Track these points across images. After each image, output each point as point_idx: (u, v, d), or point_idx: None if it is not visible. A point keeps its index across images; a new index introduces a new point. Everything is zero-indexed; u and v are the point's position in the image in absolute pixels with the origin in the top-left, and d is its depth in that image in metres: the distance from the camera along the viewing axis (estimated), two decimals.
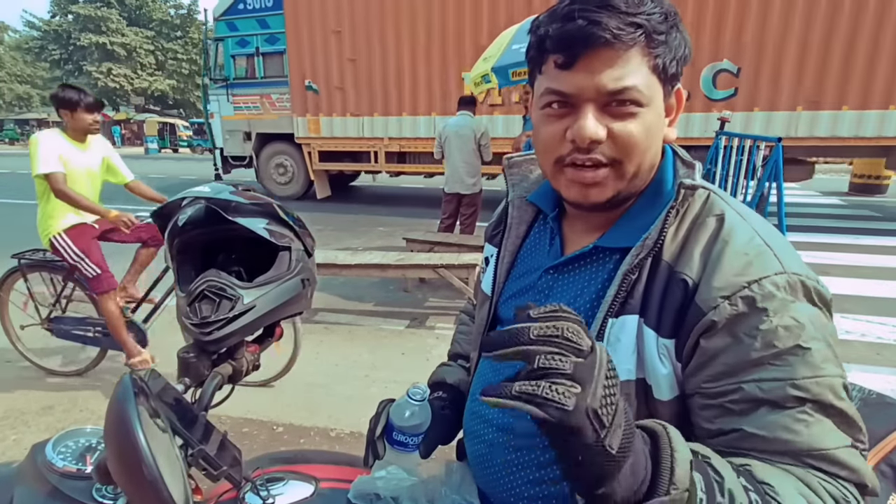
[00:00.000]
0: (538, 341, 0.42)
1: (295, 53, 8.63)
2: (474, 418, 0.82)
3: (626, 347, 0.63)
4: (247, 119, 9.44)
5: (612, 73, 0.60)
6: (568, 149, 0.64)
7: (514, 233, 0.83)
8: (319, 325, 3.96)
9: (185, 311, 0.80)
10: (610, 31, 0.58)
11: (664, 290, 0.62)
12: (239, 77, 9.31)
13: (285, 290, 0.87)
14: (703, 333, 0.59)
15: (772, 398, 0.55)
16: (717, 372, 0.58)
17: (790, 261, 0.60)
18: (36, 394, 2.92)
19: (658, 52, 0.61)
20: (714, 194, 0.67)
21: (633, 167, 0.65)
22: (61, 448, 0.74)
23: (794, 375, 0.55)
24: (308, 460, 0.87)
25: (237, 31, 9.03)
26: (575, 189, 0.66)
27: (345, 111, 8.68)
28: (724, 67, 6.89)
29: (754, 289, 0.57)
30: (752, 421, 0.56)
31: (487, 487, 0.79)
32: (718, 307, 0.58)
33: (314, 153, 9.05)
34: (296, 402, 2.84)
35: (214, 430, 0.69)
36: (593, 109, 0.62)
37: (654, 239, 0.63)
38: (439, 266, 3.92)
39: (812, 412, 0.55)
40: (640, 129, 0.62)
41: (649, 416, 0.62)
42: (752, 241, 0.61)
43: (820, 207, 8.71)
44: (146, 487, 0.46)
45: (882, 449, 0.69)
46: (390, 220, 7.50)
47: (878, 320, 3.95)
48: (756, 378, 0.56)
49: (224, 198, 0.84)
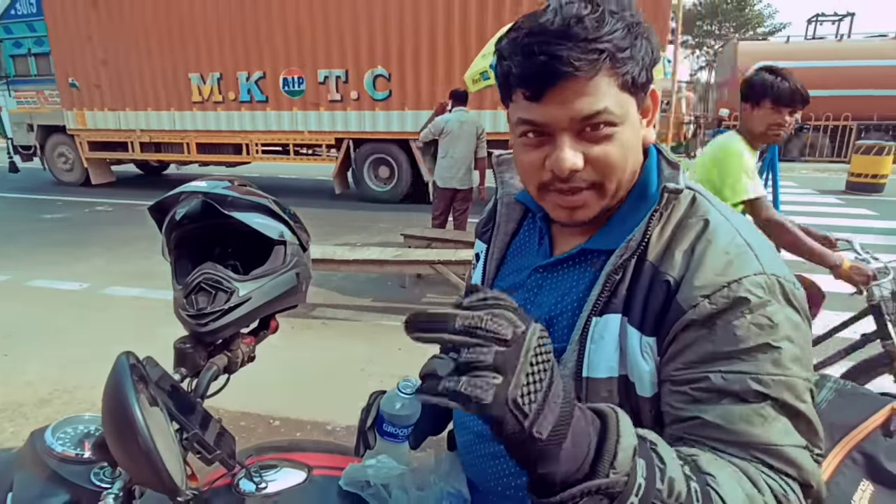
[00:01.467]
0: (461, 331, 0.41)
1: (57, 54, 9.86)
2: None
3: (609, 345, 0.64)
4: (28, 112, 10.73)
5: (583, 101, 0.60)
6: (549, 176, 0.65)
7: (503, 230, 0.84)
8: (317, 320, 3.99)
9: (182, 303, 0.82)
10: (571, 65, 0.58)
11: (648, 289, 0.63)
12: (19, 74, 10.51)
13: (280, 283, 0.89)
14: (682, 330, 0.60)
15: (734, 390, 0.57)
16: (687, 360, 0.60)
17: (770, 262, 0.62)
18: (34, 387, 2.94)
19: (625, 70, 0.61)
20: (699, 195, 0.69)
21: (613, 185, 0.66)
22: (60, 434, 0.76)
23: (759, 371, 0.57)
24: (301, 449, 0.89)
25: (12, 34, 10.29)
26: (560, 212, 0.68)
27: (103, 106, 9.97)
28: (380, 73, 8.24)
29: (733, 287, 0.59)
30: (713, 410, 0.58)
31: (475, 476, 0.81)
32: (698, 305, 0.59)
33: (84, 143, 10.29)
34: (293, 397, 2.87)
35: (209, 416, 0.72)
36: (569, 138, 0.62)
37: (637, 241, 0.64)
38: (437, 262, 3.94)
39: (771, 409, 0.57)
40: (616, 150, 0.63)
41: (632, 412, 0.63)
42: (734, 241, 0.63)
43: (817, 206, 8.73)
44: (141, 458, 0.48)
45: (854, 437, 0.71)
46: (389, 217, 7.52)
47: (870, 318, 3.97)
48: (723, 370, 0.58)
49: (220, 193, 0.86)
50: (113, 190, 9.84)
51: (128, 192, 9.42)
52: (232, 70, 8.91)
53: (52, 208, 8.27)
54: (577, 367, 0.65)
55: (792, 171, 12.68)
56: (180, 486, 0.51)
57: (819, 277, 2.30)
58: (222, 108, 9.25)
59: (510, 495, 0.76)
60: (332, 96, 8.55)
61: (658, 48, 0.66)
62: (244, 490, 0.76)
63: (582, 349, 0.65)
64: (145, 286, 4.65)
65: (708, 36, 37.19)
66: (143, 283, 4.74)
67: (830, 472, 0.69)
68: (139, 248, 5.71)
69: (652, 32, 0.64)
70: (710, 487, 0.51)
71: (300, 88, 8.68)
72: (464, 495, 0.79)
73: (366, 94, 8.38)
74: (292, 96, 8.79)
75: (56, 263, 5.38)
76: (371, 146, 8.61)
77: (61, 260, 5.51)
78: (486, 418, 0.41)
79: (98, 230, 6.95)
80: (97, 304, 4.35)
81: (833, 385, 0.76)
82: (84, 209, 8.26)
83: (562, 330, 0.70)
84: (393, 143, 8.47)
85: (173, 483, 0.50)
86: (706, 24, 36.23)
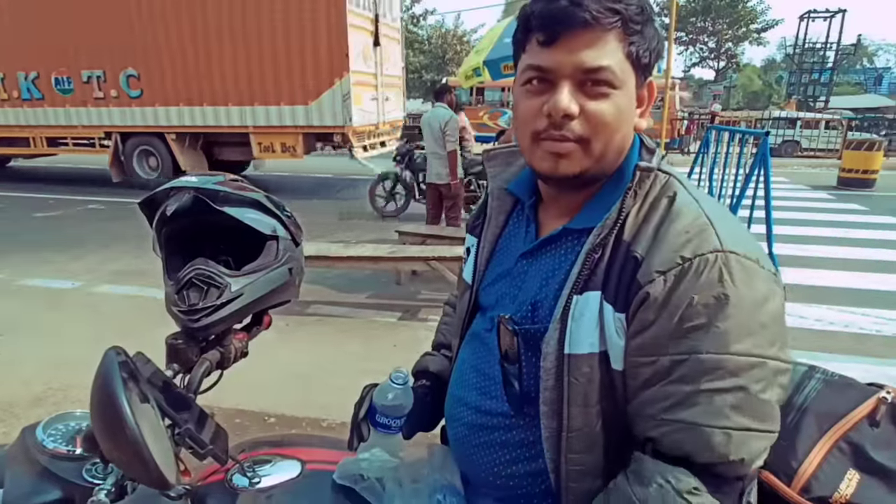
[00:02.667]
0: None
1: None
2: (455, 402, 0.85)
3: (590, 322, 0.66)
4: None
5: (590, 53, 0.64)
6: (544, 124, 0.67)
7: (494, 222, 0.86)
8: (312, 317, 3.98)
9: (174, 299, 0.82)
10: (589, 13, 0.62)
11: (622, 267, 0.65)
12: None
13: (273, 278, 0.89)
14: (639, 306, 0.63)
15: (679, 372, 0.60)
16: (642, 342, 0.63)
17: (731, 240, 0.62)
18: (26, 386, 2.92)
19: (633, 40, 0.65)
20: (672, 178, 0.71)
21: (600, 145, 0.68)
22: (51, 431, 0.76)
23: (700, 350, 0.59)
24: (294, 443, 0.89)
25: None
26: (547, 160, 0.69)
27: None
28: (131, 73, 9.13)
29: (686, 266, 0.60)
30: (658, 391, 0.62)
31: (467, 468, 0.82)
32: (654, 281, 0.61)
33: None
34: (288, 394, 2.86)
35: (201, 411, 0.71)
36: (569, 86, 0.65)
37: (613, 219, 0.67)
38: (431, 258, 3.95)
39: (709, 387, 0.59)
40: (611, 110, 0.66)
41: (609, 384, 0.66)
42: (697, 220, 0.64)
43: (809, 201, 8.79)
44: (129, 450, 0.48)
45: (842, 427, 0.72)
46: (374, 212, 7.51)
47: (862, 311, 4.02)
48: (670, 352, 0.61)
49: (212, 188, 0.86)
50: (106, 188, 9.75)
51: (121, 190, 9.34)
52: (12, 70, 9.66)
53: (44, 206, 8.20)
54: (560, 344, 0.67)
55: (784, 166, 12.76)
56: (170, 479, 0.51)
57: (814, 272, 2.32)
58: (9, 106, 10.01)
59: (501, 485, 0.77)
60: (96, 94, 9.46)
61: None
62: (237, 485, 0.76)
63: (564, 327, 0.67)
64: (139, 284, 4.62)
65: (701, 32, 37.30)
66: (136, 281, 4.71)
67: (818, 461, 0.70)
68: (132, 247, 5.67)
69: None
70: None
71: (70, 87, 9.54)
72: (457, 487, 0.80)
73: (123, 92, 9.31)
74: (64, 94, 9.64)
75: (48, 262, 5.34)
76: (137, 139, 9.58)
77: (54, 258, 5.47)
78: None
79: (91, 228, 6.90)
80: (90, 302, 4.33)
81: (821, 376, 0.77)
82: (76, 207, 8.19)
83: (545, 311, 0.72)
84: (154, 136, 9.42)
85: (161, 475, 0.50)
86: (699, 21, 36.32)
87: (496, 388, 0.76)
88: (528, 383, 0.71)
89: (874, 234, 6.39)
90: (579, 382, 0.66)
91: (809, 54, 27.38)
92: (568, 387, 0.67)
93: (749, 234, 0.68)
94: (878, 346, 3.52)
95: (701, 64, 39.78)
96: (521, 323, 0.73)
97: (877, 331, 3.73)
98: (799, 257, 5.29)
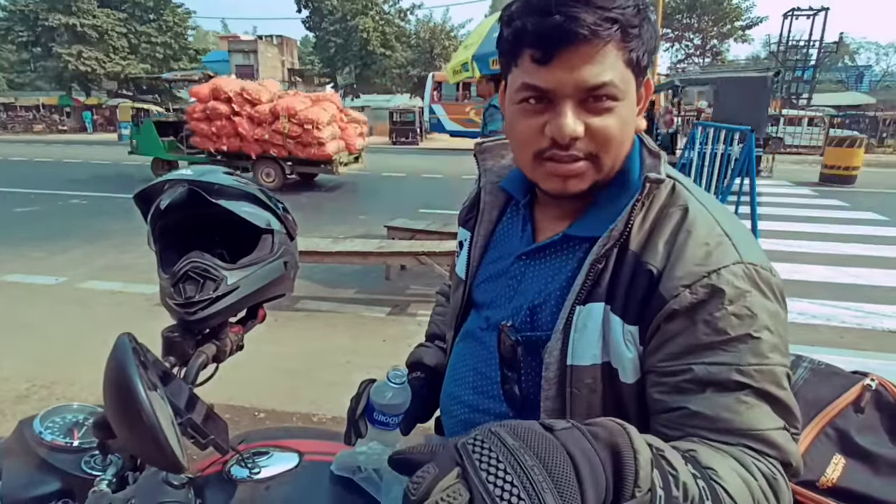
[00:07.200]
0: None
1: None
2: (451, 400, 0.85)
3: (593, 333, 0.65)
4: None
5: (591, 70, 0.60)
6: (547, 143, 0.65)
7: (487, 217, 0.85)
8: (301, 312, 3.97)
9: (170, 292, 0.81)
10: (588, 28, 0.58)
11: (631, 279, 0.64)
12: None
13: (268, 271, 0.89)
14: (664, 320, 0.61)
15: (718, 380, 0.58)
16: (671, 352, 0.61)
17: (748, 251, 0.63)
18: (11, 383, 2.88)
19: (632, 46, 0.62)
20: (679, 184, 0.70)
21: (610, 160, 0.66)
22: (49, 423, 0.75)
23: (741, 362, 0.58)
24: (292, 436, 0.90)
25: None
26: (554, 181, 0.67)
27: None
28: None
29: (713, 278, 0.60)
30: (698, 401, 0.59)
31: None
32: (679, 295, 0.60)
33: None
34: (277, 389, 2.86)
35: (201, 401, 0.72)
36: (571, 106, 0.62)
37: (619, 230, 0.64)
38: (421, 253, 3.95)
39: (752, 397, 0.58)
40: (616, 124, 0.64)
41: (615, 397, 0.65)
42: (713, 231, 0.64)
43: (791, 197, 8.93)
44: (146, 434, 0.49)
45: (828, 414, 0.74)
46: (371, 209, 7.49)
47: (843, 305, 4.11)
48: (706, 361, 0.59)
49: (207, 180, 0.86)
50: (87, 182, 9.59)
51: (103, 184, 9.19)
52: None
53: (24, 201, 8.05)
54: (562, 355, 0.66)
55: (768, 162, 12.93)
56: (184, 463, 0.52)
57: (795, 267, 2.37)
58: None
59: None
60: None
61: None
62: (236, 476, 0.76)
63: (566, 337, 0.66)
64: (123, 280, 4.57)
65: (687, 29, 37.59)
66: (121, 276, 4.65)
67: (805, 447, 0.72)
68: (117, 242, 5.58)
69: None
70: (715, 482, 0.52)
71: None
72: None
73: None
74: None
75: (31, 258, 5.25)
76: None
77: (36, 254, 5.38)
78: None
79: (73, 223, 6.79)
80: (75, 298, 4.27)
81: (808, 364, 0.79)
82: (57, 202, 8.05)
83: (546, 318, 0.71)
84: None
85: (177, 460, 0.51)
86: (685, 18, 36.60)
87: (494, 387, 0.76)
88: (529, 389, 0.71)
89: (855, 230, 6.53)
90: (581, 394, 0.66)
91: (793, 52, 27.73)
92: (570, 398, 0.66)
93: (756, 241, 0.67)
94: (859, 339, 3.60)
95: (686, 61, 40.08)
96: (521, 330, 0.72)
97: (857, 324, 3.82)
98: (781, 252, 5.39)
